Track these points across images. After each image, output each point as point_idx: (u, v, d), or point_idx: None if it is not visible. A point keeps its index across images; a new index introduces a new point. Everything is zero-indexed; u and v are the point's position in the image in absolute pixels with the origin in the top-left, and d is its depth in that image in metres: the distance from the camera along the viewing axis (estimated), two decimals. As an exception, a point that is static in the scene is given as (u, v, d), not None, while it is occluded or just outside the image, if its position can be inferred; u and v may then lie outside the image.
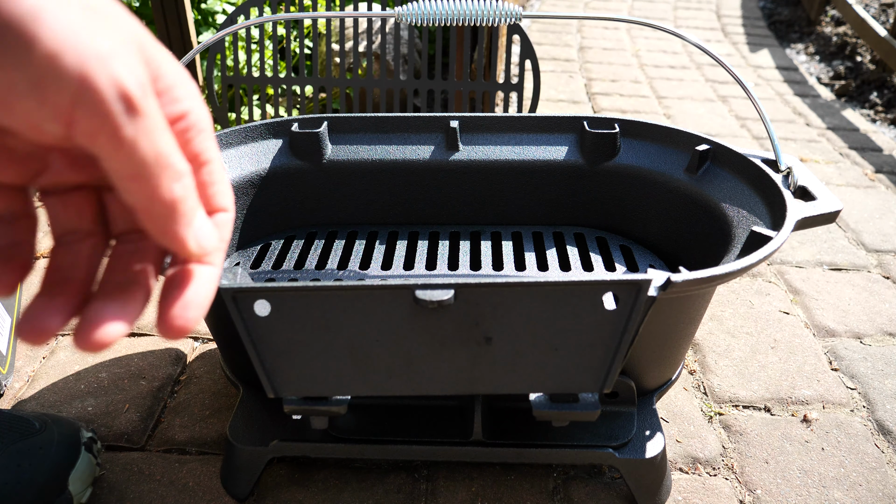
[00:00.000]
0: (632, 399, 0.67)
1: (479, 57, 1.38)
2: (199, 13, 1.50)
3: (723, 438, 0.77)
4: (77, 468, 0.64)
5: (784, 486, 0.71)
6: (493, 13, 0.72)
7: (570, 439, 0.65)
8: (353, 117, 0.84)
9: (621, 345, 0.51)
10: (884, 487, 0.71)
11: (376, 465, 0.72)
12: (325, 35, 1.36)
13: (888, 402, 0.83)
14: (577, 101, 1.82)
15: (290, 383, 0.54)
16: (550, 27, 2.49)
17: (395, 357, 0.53)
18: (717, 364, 0.88)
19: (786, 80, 2.08)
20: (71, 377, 0.83)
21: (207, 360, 0.87)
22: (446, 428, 0.66)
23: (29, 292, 0.98)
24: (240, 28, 0.72)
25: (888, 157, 1.56)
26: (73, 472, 0.63)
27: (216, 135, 0.79)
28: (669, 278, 0.52)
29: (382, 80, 1.32)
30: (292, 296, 0.48)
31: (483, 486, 0.70)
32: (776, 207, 0.66)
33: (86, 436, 0.66)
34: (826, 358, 0.90)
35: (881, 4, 2.61)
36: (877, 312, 1.00)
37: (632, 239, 0.85)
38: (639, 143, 0.83)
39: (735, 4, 2.94)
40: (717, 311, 0.98)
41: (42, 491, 0.60)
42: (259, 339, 0.51)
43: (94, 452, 0.67)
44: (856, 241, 1.19)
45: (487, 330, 0.51)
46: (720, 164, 0.77)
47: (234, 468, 0.67)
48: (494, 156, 0.84)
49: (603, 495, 0.69)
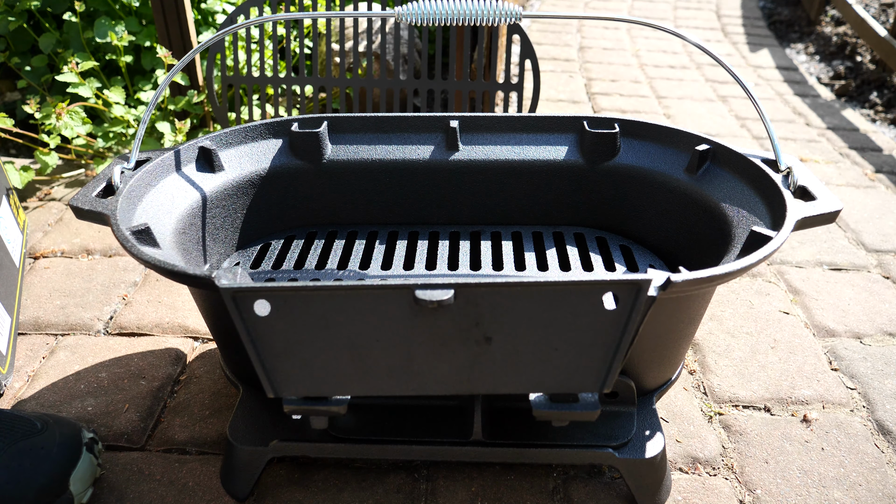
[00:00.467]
0: (632, 399, 0.67)
1: (479, 57, 1.38)
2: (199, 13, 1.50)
3: (723, 438, 0.77)
4: (78, 469, 0.64)
5: (784, 486, 0.71)
6: (492, 13, 0.72)
7: (570, 439, 0.65)
8: (353, 117, 0.84)
9: (621, 345, 0.51)
10: (884, 487, 0.71)
11: (376, 465, 0.72)
12: (325, 35, 1.36)
13: (888, 402, 0.83)
14: (577, 101, 1.82)
15: (289, 383, 0.54)
16: (550, 27, 2.49)
17: (395, 357, 0.53)
18: (716, 364, 0.88)
19: (786, 80, 2.08)
20: (71, 377, 0.83)
21: (207, 360, 0.87)
22: (446, 428, 0.66)
23: (29, 292, 0.98)
24: (240, 28, 0.72)
25: (888, 157, 1.56)
26: (75, 473, 0.63)
27: (216, 135, 0.79)
28: (669, 278, 0.52)
29: (382, 80, 1.32)
30: (292, 296, 0.48)
31: (483, 486, 0.70)
32: (776, 207, 0.66)
33: (87, 436, 0.66)
34: (826, 358, 0.90)
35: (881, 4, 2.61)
36: (877, 312, 1.00)
37: (632, 239, 0.86)
38: (639, 143, 0.83)
39: (735, 4, 2.94)
40: (717, 311, 0.98)
41: (43, 490, 0.61)
42: (259, 339, 0.51)
43: (95, 453, 0.67)
44: (856, 241, 1.19)
45: (487, 330, 0.51)
46: (720, 164, 0.77)
47: (233, 468, 0.67)
48: (494, 156, 0.84)
49: (603, 495, 0.69)
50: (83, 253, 1.08)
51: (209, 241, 0.77)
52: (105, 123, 1.31)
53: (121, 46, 1.34)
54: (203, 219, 0.75)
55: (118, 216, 0.62)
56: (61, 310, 0.95)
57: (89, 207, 0.64)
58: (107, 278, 1.02)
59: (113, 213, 0.62)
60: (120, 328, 0.92)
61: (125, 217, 0.63)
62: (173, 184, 0.73)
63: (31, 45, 1.47)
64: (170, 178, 0.73)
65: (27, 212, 1.19)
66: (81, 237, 1.12)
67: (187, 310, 0.95)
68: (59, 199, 1.24)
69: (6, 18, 1.38)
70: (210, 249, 0.77)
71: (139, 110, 1.34)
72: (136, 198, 0.67)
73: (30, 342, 0.89)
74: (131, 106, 1.37)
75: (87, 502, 0.66)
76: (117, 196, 0.65)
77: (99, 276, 1.02)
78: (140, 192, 0.68)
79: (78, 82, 1.26)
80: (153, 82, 1.40)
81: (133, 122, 1.30)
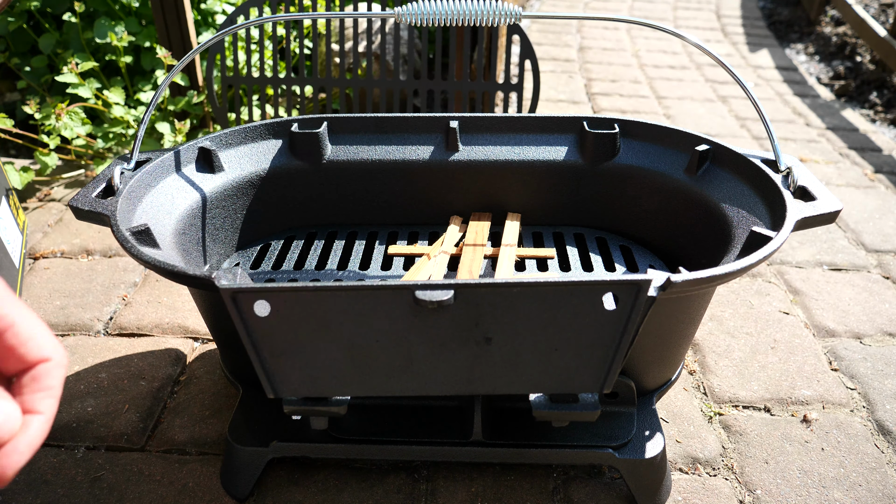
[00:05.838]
0: (632, 399, 0.67)
1: (478, 57, 1.38)
2: (199, 13, 1.50)
3: (723, 439, 0.77)
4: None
5: (784, 487, 0.71)
6: (492, 13, 0.72)
7: (570, 439, 0.65)
8: (353, 117, 0.84)
9: (621, 345, 0.51)
10: (883, 487, 0.71)
11: (376, 466, 0.72)
12: (324, 35, 1.36)
13: (888, 402, 0.83)
14: (576, 101, 1.82)
15: (289, 384, 0.54)
16: (550, 27, 2.49)
17: (395, 357, 0.52)
18: (717, 364, 0.88)
19: (785, 81, 2.08)
20: (70, 377, 0.83)
21: (207, 361, 0.87)
22: (446, 428, 0.66)
23: (29, 292, 0.98)
24: (240, 28, 0.72)
25: (888, 157, 1.56)
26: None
27: (216, 135, 0.79)
28: (669, 278, 0.52)
29: (382, 81, 1.32)
30: (292, 296, 0.48)
31: (483, 486, 0.70)
32: (776, 207, 0.66)
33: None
34: (826, 358, 0.90)
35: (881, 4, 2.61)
36: (877, 313, 1.00)
37: (632, 239, 0.85)
38: (639, 143, 0.83)
39: (735, 4, 2.94)
40: (717, 311, 0.98)
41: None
42: (259, 340, 0.51)
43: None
44: (856, 241, 1.19)
45: (487, 330, 0.51)
46: (720, 164, 0.77)
47: (233, 468, 0.67)
48: (494, 156, 0.84)
49: (603, 495, 0.69)
50: (83, 253, 1.08)
51: (209, 242, 0.77)
52: (105, 124, 1.31)
53: (120, 47, 1.34)
54: (203, 219, 0.75)
55: (118, 217, 0.62)
56: (61, 310, 0.95)
57: (89, 208, 0.64)
58: (107, 279, 1.02)
59: (113, 214, 0.62)
60: (120, 329, 0.92)
61: (125, 217, 0.63)
62: (173, 184, 0.73)
63: (30, 46, 1.47)
64: (170, 178, 0.73)
65: (27, 212, 1.19)
66: (81, 238, 1.12)
67: (187, 310, 0.95)
68: (59, 200, 1.24)
69: (6, 19, 1.38)
70: (210, 250, 0.77)
71: (139, 111, 1.34)
72: (135, 198, 0.67)
73: (30, 343, 0.89)
74: (131, 106, 1.37)
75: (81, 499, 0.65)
76: (117, 196, 0.65)
77: (99, 277, 1.02)
78: (140, 193, 0.68)
79: (78, 83, 1.26)
80: (153, 83, 1.40)
81: (133, 123, 1.30)
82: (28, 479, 0.69)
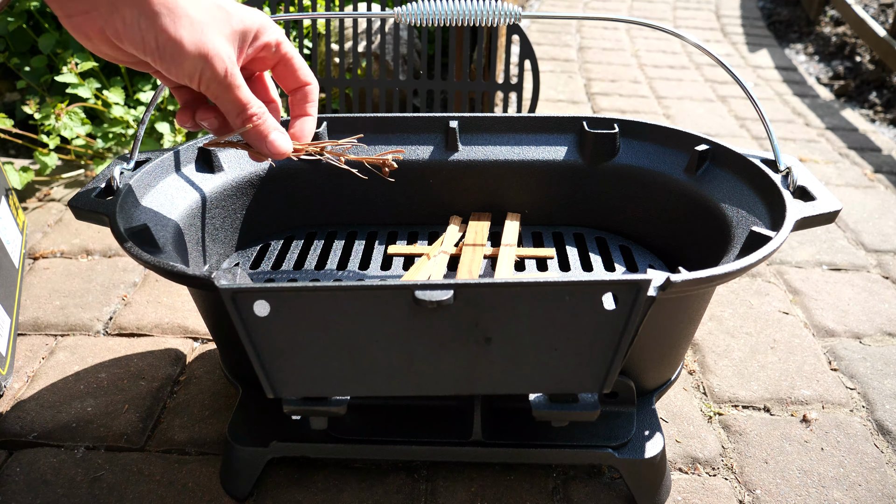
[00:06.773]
0: (631, 399, 0.67)
1: (478, 57, 1.38)
2: (199, 13, 1.50)
3: (722, 438, 0.77)
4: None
5: (783, 486, 0.71)
6: (492, 13, 0.72)
7: (570, 439, 0.65)
8: (353, 117, 0.84)
9: (621, 345, 0.51)
10: (883, 487, 0.71)
11: (376, 466, 0.72)
12: (324, 35, 1.35)
13: (887, 402, 0.83)
14: (576, 101, 1.82)
15: (289, 384, 0.54)
16: (550, 27, 2.50)
17: (395, 357, 0.53)
18: (716, 364, 0.88)
19: (785, 80, 2.08)
20: (70, 377, 0.83)
21: (207, 361, 0.87)
22: (446, 428, 0.66)
23: (28, 293, 0.98)
24: (239, 28, 0.71)
25: (887, 157, 1.56)
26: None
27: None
28: (669, 278, 0.52)
29: (382, 80, 1.32)
30: (291, 296, 0.48)
31: (483, 486, 0.70)
32: (775, 207, 0.66)
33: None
34: (825, 358, 0.90)
35: (880, 4, 2.61)
36: (876, 312, 1.00)
37: (631, 239, 0.86)
38: (638, 143, 0.83)
39: (734, 4, 2.94)
40: (717, 311, 0.98)
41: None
42: (258, 340, 0.51)
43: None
44: (855, 241, 1.19)
45: (487, 330, 0.51)
46: (719, 164, 0.77)
47: (233, 469, 0.67)
48: (494, 156, 0.84)
49: (603, 495, 0.69)
50: (83, 253, 1.08)
51: (209, 242, 0.77)
52: (104, 124, 1.31)
53: (120, 47, 1.33)
54: (202, 219, 0.75)
55: (117, 217, 0.62)
56: (61, 310, 0.95)
57: (89, 208, 0.64)
58: (106, 279, 1.02)
59: (112, 214, 0.62)
60: (119, 329, 0.92)
61: (124, 217, 0.63)
62: (173, 184, 0.73)
63: (30, 46, 1.47)
64: (169, 178, 0.73)
65: (26, 212, 1.19)
66: (81, 237, 1.12)
67: (187, 310, 0.95)
68: (59, 200, 1.24)
69: (6, 19, 1.38)
70: (209, 250, 0.77)
71: (138, 111, 1.34)
72: (135, 198, 0.67)
73: (29, 343, 0.89)
74: (131, 106, 1.37)
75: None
76: (117, 196, 0.65)
77: (98, 277, 1.02)
78: (139, 193, 0.68)
79: (77, 83, 1.26)
80: (153, 83, 1.40)
81: (132, 123, 1.30)
82: (27, 479, 0.69)
